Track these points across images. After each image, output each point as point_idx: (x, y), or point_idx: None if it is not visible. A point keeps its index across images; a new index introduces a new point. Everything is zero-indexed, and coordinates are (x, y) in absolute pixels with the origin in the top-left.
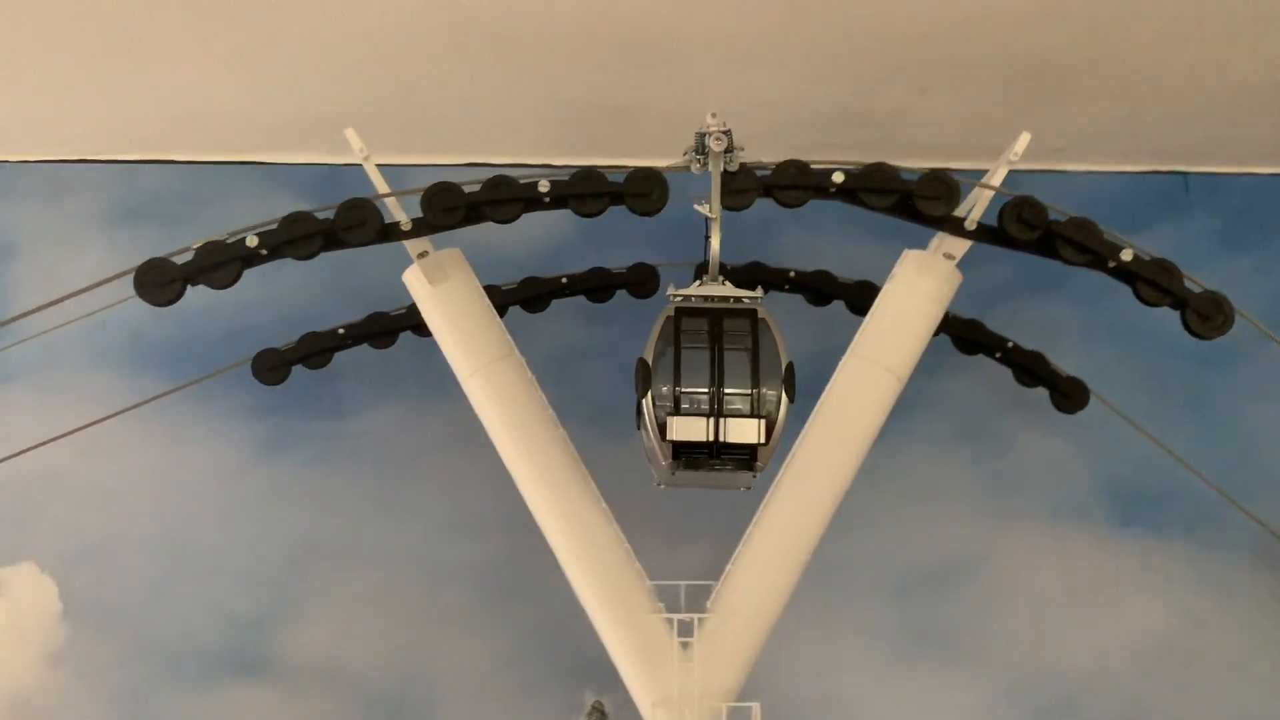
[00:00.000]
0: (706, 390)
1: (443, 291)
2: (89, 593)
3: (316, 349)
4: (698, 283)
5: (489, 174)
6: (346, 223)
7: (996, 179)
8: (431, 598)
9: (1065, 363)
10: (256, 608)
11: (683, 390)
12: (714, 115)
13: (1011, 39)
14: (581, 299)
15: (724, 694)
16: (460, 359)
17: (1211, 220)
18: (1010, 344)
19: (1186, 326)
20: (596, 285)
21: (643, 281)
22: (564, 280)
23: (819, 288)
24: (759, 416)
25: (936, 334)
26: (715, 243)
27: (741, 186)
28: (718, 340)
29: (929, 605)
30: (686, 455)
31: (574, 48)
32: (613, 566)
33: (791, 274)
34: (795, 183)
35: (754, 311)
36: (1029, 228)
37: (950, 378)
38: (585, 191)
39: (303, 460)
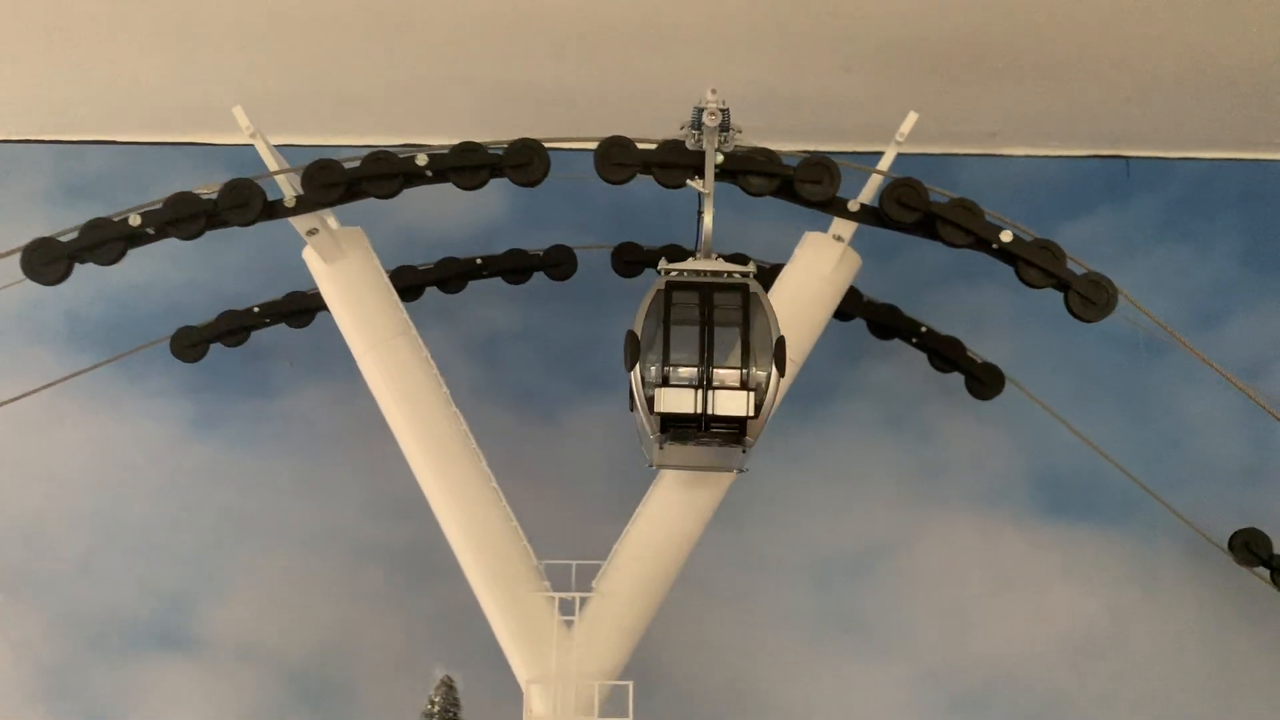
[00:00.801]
0: (696, 363)
1: (338, 269)
2: (19, 564)
3: (233, 327)
4: (691, 258)
5: None
6: (230, 202)
7: (885, 162)
8: (353, 576)
9: (998, 350)
10: (182, 583)
11: (672, 363)
12: (714, 92)
13: (939, 20)
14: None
15: (604, 673)
16: (355, 336)
17: (1152, 205)
18: (925, 329)
19: (1069, 309)
20: (513, 267)
21: (560, 263)
22: (479, 261)
23: None
24: (748, 389)
25: (851, 318)
26: (708, 218)
27: (620, 160)
28: (708, 314)
29: (849, 591)
30: (675, 428)
31: (499, 30)
32: (498, 544)
33: None
34: (674, 162)
35: (745, 286)
36: (908, 209)
37: (876, 363)
38: (464, 164)
39: (231, 438)
